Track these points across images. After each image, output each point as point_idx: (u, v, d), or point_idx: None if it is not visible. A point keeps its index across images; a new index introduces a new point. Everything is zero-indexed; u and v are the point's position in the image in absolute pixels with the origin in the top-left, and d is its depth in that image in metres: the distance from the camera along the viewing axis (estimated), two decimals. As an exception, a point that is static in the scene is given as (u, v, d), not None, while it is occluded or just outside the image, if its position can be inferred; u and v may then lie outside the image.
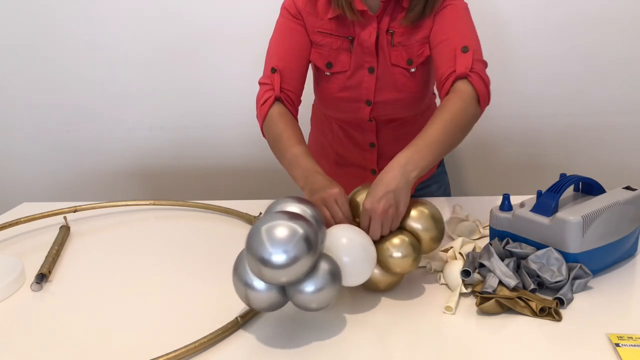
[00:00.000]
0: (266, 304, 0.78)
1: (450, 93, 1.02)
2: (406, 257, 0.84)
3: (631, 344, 0.73)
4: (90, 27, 1.82)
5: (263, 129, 1.12)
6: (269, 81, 1.12)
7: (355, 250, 0.82)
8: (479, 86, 1.02)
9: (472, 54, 1.04)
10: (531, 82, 1.77)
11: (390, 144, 1.28)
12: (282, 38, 1.16)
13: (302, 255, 0.72)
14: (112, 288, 0.98)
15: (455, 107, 0.99)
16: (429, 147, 0.92)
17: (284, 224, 0.73)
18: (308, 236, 0.73)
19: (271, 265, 0.72)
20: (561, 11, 1.69)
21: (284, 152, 1.03)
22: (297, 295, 0.76)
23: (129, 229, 1.25)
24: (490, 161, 1.89)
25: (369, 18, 1.10)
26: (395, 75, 1.15)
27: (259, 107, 1.12)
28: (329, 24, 1.13)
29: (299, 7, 1.13)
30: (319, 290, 0.75)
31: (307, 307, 0.77)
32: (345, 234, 0.83)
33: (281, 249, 0.72)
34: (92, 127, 1.94)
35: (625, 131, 1.81)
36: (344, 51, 1.14)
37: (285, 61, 1.13)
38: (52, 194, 1.98)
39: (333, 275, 0.76)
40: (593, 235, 0.88)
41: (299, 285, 0.75)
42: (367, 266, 0.83)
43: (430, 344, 0.78)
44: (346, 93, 1.18)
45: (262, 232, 0.73)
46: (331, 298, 0.77)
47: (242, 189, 1.96)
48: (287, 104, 1.12)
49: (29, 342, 0.82)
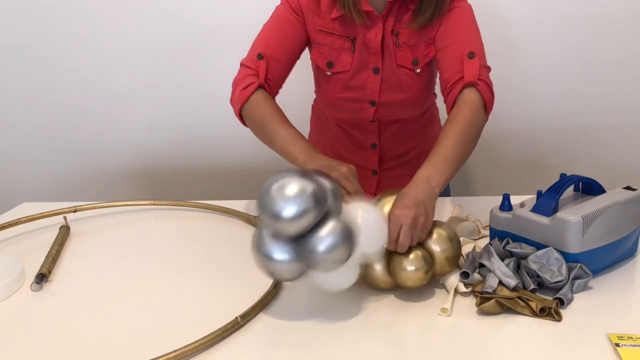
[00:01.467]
0: (288, 274, 0.81)
1: (459, 102, 1.03)
2: (418, 270, 0.85)
3: (631, 344, 0.73)
4: (90, 27, 1.82)
5: (242, 112, 1.10)
6: (253, 66, 1.10)
7: (369, 222, 0.83)
8: (487, 94, 1.03)
9: (479, 60, 1.05)
10: (531, 82, 1.77)
11: (391, 144, 1.28)
12: (275, 27, 1.14)
13: (311, 210, 0.75)
14: (112, 288, 0.97)
15: (466, 118, 0.99)
16: (446, 162, 0.94)
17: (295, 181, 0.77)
18: (317, 192, 0.77)
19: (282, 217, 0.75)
20: (561, 11, 1.69)
21: (275, 133, 1.02)
22: (310, 252, 0.77)
23: (129, 229, 1.25)
24: (491, 161, 1.89)
25: (375, 19, 1.09)
26: (400, 76, 1.15)
27: (239, 90, 1.10)
28: (331, 23, 1.12)
29: (301, 3, 1.12)
30: (332, 247, 0.77)
31: (320, 266, 0.78)
32: (361, 206, 0.85)
33: (293, 203, 0.75)
34: (92, 127, 1.94)
35: (625, 131, 1.81)
36: (345, 51, 1.13)
37: (274, 50, 1.11)
38: (52, 194, 1.98)
39: (346, 233, 0.78)
40: (593, 235, 0.88)
41: (312, 240, 0.77)
42: (378, 236, 0.84)
43: (430, 343, 0.78)
44: (350, 93, 1.17)
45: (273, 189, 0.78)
46: (344, 256, 0.78)
47: (242, 189, 1.96)
48: (270, 93, 1.11)
49: (29, 342, 0.82)
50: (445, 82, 1.07)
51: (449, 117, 1.02)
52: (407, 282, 0.85)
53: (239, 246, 1.12)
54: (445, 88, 1.07)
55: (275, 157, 1.08)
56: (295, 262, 0.79)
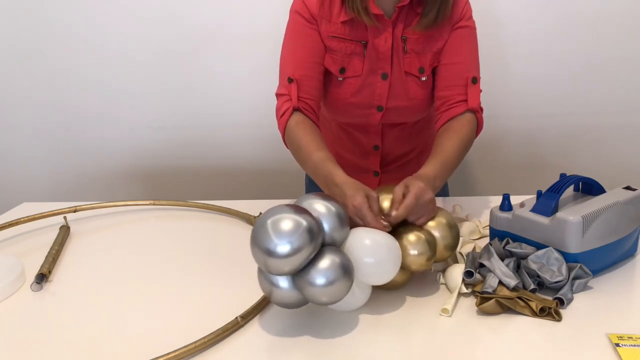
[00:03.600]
0: (291, 301, 0.80)
1: (461, 119, 1.10)
2: (422, 254, 0.85)
3: (631, 344, 0.73)
4: (90, 27, 1.82)
5: (285, 140, 1.11)
6: (286, 92, 1.10)
7: (379, 251, 0.82)
8: (481, 120, 1.13)
9: (479, 86, 1.12)
10: (531, 82, 1.78)
11: (393, 147, 1.28)
12: (295, 44, 1.12)
13: (305, 246, 0.74)
14: (112, 288, 0.97)
15: (467, 135, 1.08)
16: (447, 169, 1.00)
17: (288, 217, 0.75)
18: (311, 228, 0.75)
19: (276, 255, 0.74)
20: (561, 11, 1.69)
21: (306, 161, 1.03)
22: (307, 288, 0.76)
23: (129, 229, 1.25)
24: (490, 161, 1.89)
25: (385, 23, 1.09)
26: (407, 83, 1.15)
27: (279, 119, 1.11)
28: (342, 28, 1.10)
29: (312, 11, 1.10)
30: (330, 283, 0.75)
31: (317, 301, 0.77)
32: (369, 236, 0.83)
33: (286, 240, 0.73)
34: (92, 127, 1.94)
35: (625, 131, 1.81)
36: (357, 56, 1.12)
37: (301, 69, 1.10)
38: (52, 194, 1.98)
39: (344, 269, 0.76)
40: (593, 235, 0.88)
41: (309, 277, 0.75)
42: (391, 266, 0.82)
43: (429, 343, 0.78)
44: (358, 98, 1.16)
45: (267, 224, 0.75)
46: (342, 292, 0.77)
47: (242, 189, 1.96)
48: (306, 112, 1.10)
49: (29, 342, 0.82)
50: (446, 97, 1.12)
51: (453, 127, 1.08)
52: (411, 266, 0.85)
53: (239, 246, 1.12)
54: (444, 103, 1.12)
55: (275, 158, 1.08)
56: (296, 290, 0.79)
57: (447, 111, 1.11)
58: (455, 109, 1.10)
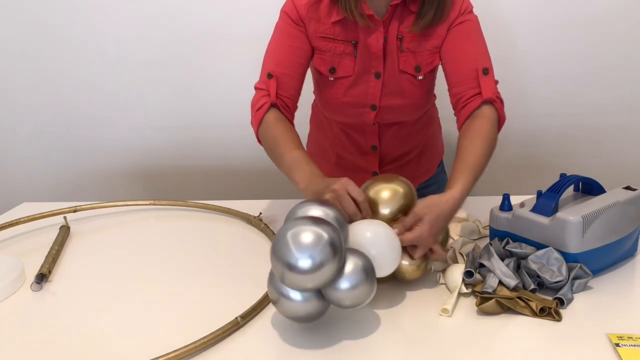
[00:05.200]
0: (298, 315, 0.78)
1: (480, 117, 1.05)
2: (412, 264, 0.88)
3: (631, 344, 0.73)
4: (90, 28, 1.82)
5: (258, 134, 1.11)
6: (264, 86, 1.10)
7: (380, 243, 0.82)
8: (502, 112, 1.08)
9: (492, 77, 1.08)
10: (531, 82, 1.77)
11: (392, 146, 1.28)
12: (280, 43, 1.13)
13: (328, 261, 0.72)
14: (112, 288, 0.98)
15: (490, 135, 1.03)
16: (474, 177, 0.96)
17: (310, 229, 0.73)
18: (333, 241, 0.73)
19: (297, 270, 0.72)
20: (561, 11, 1.69)
21: (281, 157, 1.02)
22: (332, 293, 0.76)
23: (129, 229, 1.25)
24: (490, 161, 1.88)
25: (377, 22, 1.09)
26: (402, 82, 1.14)
27: (254, 112, 1.11)
28: (332, 28, 1.11)
29: (301, 13, 1.11)
30: (354, 287, 0.75)
31: (342, 305, 0.77)
32: (370, 228, 0.84)
33: (307, 254, 0.72)
34: (92, 127, 1.94)
35: (625, 131, 1.81)
36: (347, 56, 1.13)
37: (283, 67, 1.11)
38: (52, 194, 1.98)
39: (366, 271, 0.77)
40: (593, 235, 0.88)
41: (334, 283, 0.75)
42: (394, 257, 0.83)
43: (429, 343, 0.78)
44: (351, 98, 1.16)
45: (288, 237, 0.73)
46: (366, 294, 0.77)
47: (242, 189, 1.96)
48: (283, 110, 1.10)
49: (29, 342, 0.82)
50: (459, 94, 1.09)
51: (474, 129, 1.04)
52: (404, 276, 0.88)
53: (239, 246, 1.12)
54: (458, 101, 1.09)
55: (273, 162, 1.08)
56: (316, 302, 0.78)
57: (463, 108, 1.08)
58: (471, 104, 1.07)
